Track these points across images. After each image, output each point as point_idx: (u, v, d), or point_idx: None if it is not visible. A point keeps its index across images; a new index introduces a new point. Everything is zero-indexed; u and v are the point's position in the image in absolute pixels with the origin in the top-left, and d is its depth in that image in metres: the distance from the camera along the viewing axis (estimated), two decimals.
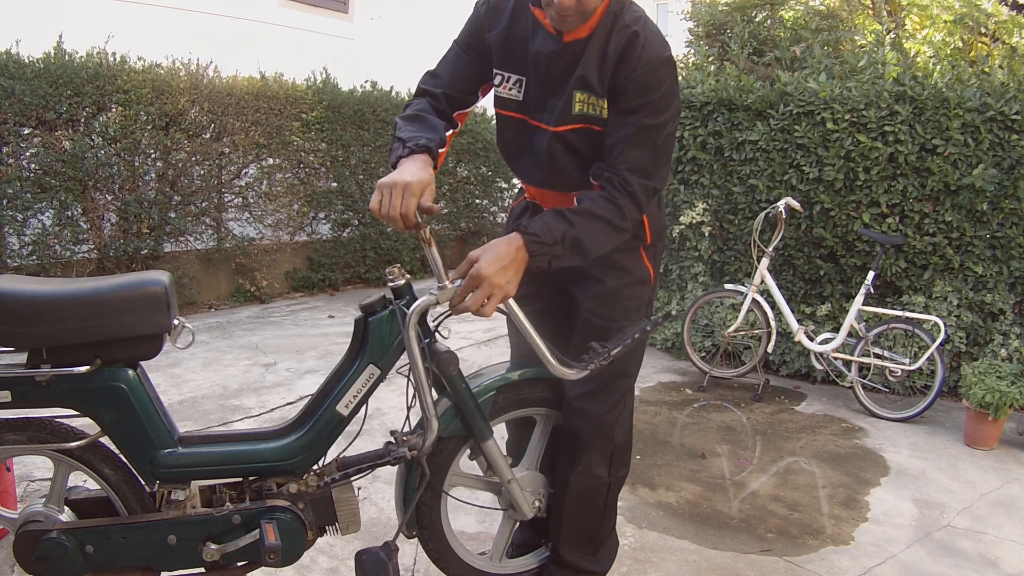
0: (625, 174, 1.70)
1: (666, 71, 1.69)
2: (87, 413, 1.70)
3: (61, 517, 1.75)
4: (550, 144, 1.82)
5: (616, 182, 1.70)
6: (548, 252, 1.65)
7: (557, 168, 1.84)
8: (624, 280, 1.90)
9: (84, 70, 4.78)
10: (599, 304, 1.91)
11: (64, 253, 4.85)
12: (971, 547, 2.67)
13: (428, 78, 1.93)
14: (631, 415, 2.06)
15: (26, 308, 1.61)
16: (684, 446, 3.48)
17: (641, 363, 2.04)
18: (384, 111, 6.66)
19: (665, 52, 1.70)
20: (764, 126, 4.43)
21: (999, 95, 3.89)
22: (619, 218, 1.70)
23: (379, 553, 1.77)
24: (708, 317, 4.65)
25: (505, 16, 1.81)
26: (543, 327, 1.82)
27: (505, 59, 1.82)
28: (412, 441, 1.78)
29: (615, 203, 1.70)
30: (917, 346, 3.88)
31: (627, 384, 1.99)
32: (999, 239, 4.01)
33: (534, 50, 1.77)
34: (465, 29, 1.90)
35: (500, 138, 1.97)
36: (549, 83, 1.78)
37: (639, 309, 1.94)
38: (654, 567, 2.43)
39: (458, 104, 1.90)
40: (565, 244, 1.65)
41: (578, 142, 1.80)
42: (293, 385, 4.00)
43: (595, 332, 1.90)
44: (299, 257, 6.44)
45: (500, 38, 1.81)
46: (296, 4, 8.21)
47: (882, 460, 3.40)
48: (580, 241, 1.67)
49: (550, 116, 1.80)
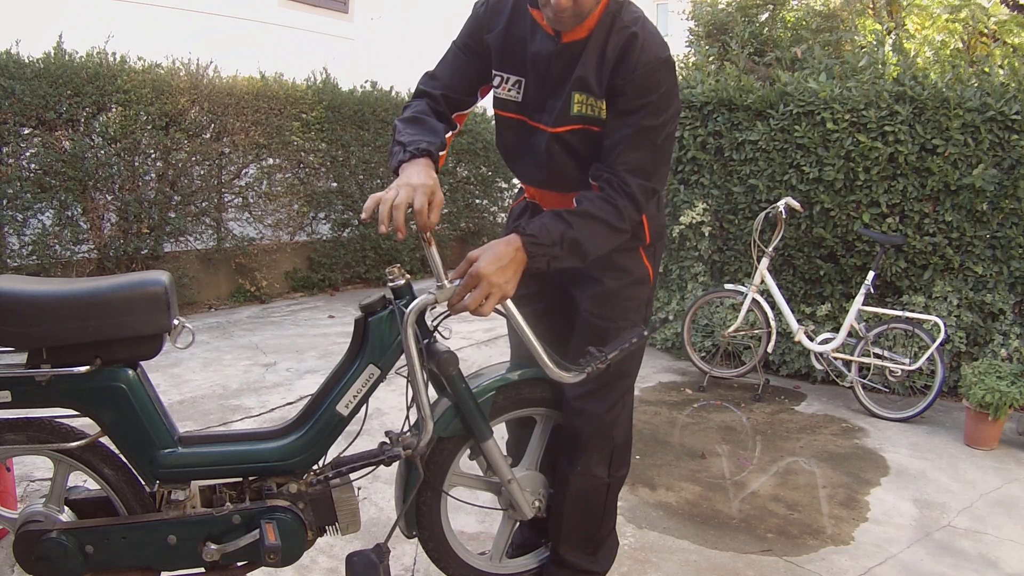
0: (624, 175, 1.70)
1: (665, 72, 1.69)
2: (87, 413, 1.70)
3: (61, 517, 1.75)
4: (549, 145, 1.82)
5: (615, 183, 1.70)
6: (547, 253, 1.65)
7: (556, 169, 1.84)
8: (623, 280, 1.90)
9: (84, 70, 4.78)
10: (598, 304, 1.91)
11: (64, 253, 4.85)
12: (971, 547, 2.67)
13: (427, 79, 1.93)
14: (631, 415, 2.06)
15: (26, 308, 1.61)
16: (684, 446, 3.48)
17: (641, 364, 2.05)
18: (384, 111, 6.67)
19: (664, 53, 1.70)
20: (764, 126, 4.43)
21: (999, 95, 3.89)
22: (618, 219, 1.70)
23: (370, 555, 1.77)
24: (708, 317, 4.65)
25: (504, 17, 1.80)
26: (542, 328, 1.82)
27: (504, 60, 1.82)
28: (407, 440, 1.78)
29: (613, 204, 1.69)
30: (917, 346, 3.88)
31: (626, 384, 1.99)
32: (999, 239, 4.01)
33: (533, 51, 1.77)
34: (464, 30, 1.89)
35: (499, 139, 1.97)
36: (548, 84, 1.78)
37: (638, 309, 1.94)
38: (654, 567, 2.43)
39: (457, 105, 1.90)
40: (564, 245, 1.65)
41: (577, 143, 1.80)
42: (293, 385, 4.00)
43: (594, 332, 1.90)
44: (299, 257, 6.44)
45: (499, 39, 1.81)
46: (296, 4, 8.21)
47: (882, 460, 3.40)
48: (579, 242, 1.67)
49: (549, 117, 1.80)
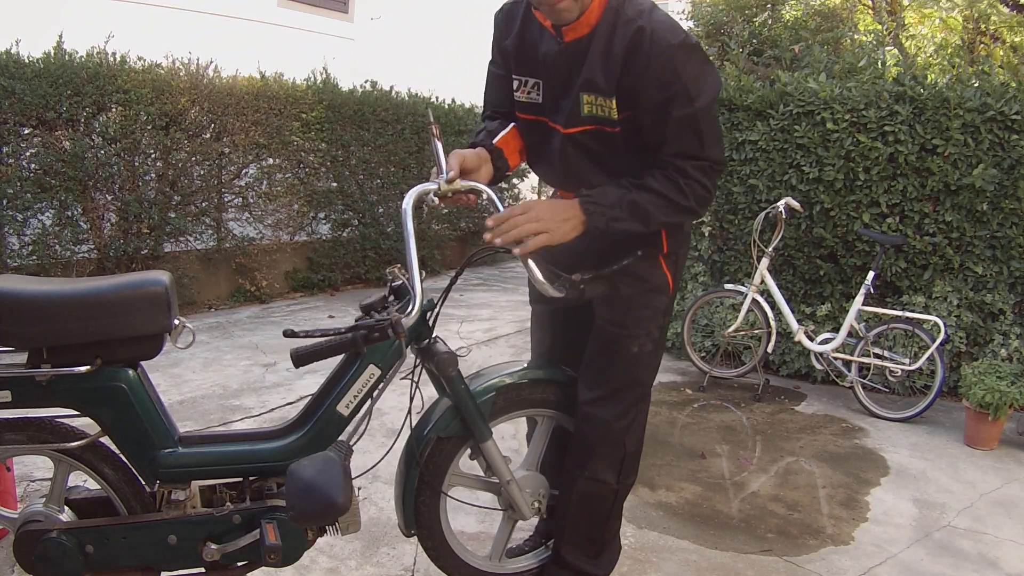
0: (675, 161, 1.70)
1: (682, 56, 1.62)
2: (87, 413, 1.70)
3: (61, 517, 1.75)
4: (563, 146, 1.82)
5: (670, 170, 1.70)
6: (605, 213, 1.67)
7: (571, 170, 1.85)
8: (638, 288, 1.87)
9: (84, 70, 4.78)
10: (611, 311, 1.89)
11: (64, 253, 4.85)
12: (971, 547, 2.67)
13: (484, 110, 2.02)
14: (644, 424, 2.03)
15: (26, 308, 1.61)
16: (684, 446, 3.48)
17: (656, 374, 2.02)
18: (384, 111, 6.67)
19: (676, 38, 1.63)
20: (764, 126, 4.43)
21: (999, 95, 3.89)
22: (679, 195, 1.69)
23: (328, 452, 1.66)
24: (708, 317, 4.65)
25: (517, 22, 1.83)
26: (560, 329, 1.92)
27: (521, 64, 1.84)
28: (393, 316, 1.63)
29: (674, 181, 1.70)
30: (917, 346, 3.88)
31: (638, 393, 1.96)
32: (999, 239, 4.01)
33: (542, 52, 1.78)
34: (492, 45, 1.93)
35: (525, 142, 1.96)
36: (557, 84, 1.79)
37: (653, 317, 1.90)
38: (654, 567, 2.43)
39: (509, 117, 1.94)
40: (623, 207, 1.68)
41: (590, 143, 1.79)
42: (293, 385, 4.00)
43: (605, 339, 1.89)
44: (299, 257, 6.44)
45: (514, 44, 1.84)
46: (296, 4, 8.20)
47: (882, 460, 3.40)
48: (639, 205, 1.68)
49: (562, 118, 1.80)
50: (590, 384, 1.93)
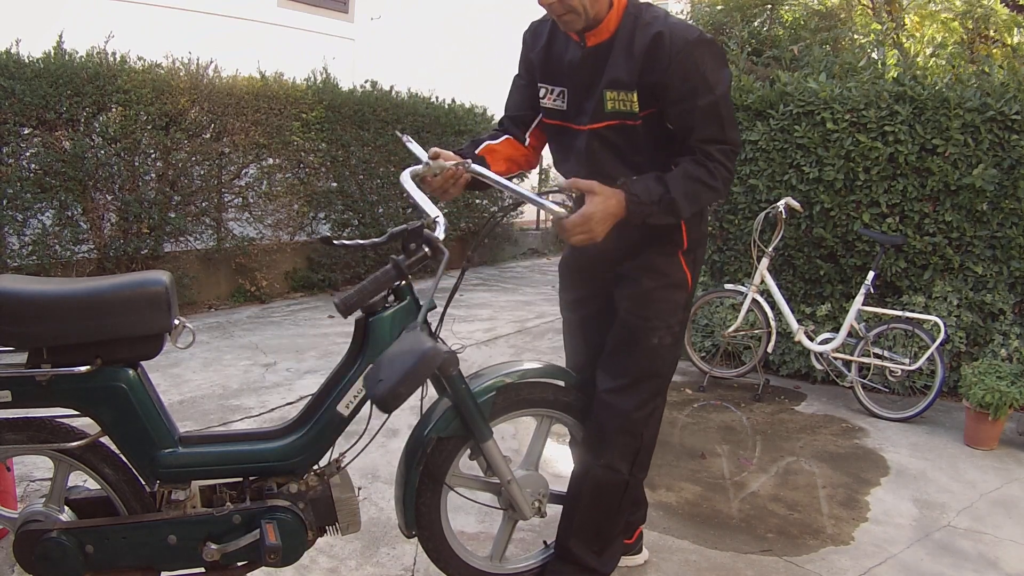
0: (701, 146, 1.83)
1: (700, 50, 1.79)
2: (87, 413, 1.70)
3: (61, 517, 1.75)
4: (588, 142, 1.94)
5: (698, 154, 1.84)
6: (644, 212, 1.81)
7: (596, 165, 1.93)
8: (659, 282, 1.98)
9: (84, 70, 4.78)
10: (633, 303, 1.99)
11: (64, 253, 4.85)
12: (971, 547, 2.67)
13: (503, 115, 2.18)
14: (659, 420, 2.11)
15: (26, 308, 1.61)
16: (684, 446, 3.48)
17: (675, 367, 2.09)
18: (384, 111, 6.67)
19: (692, 35, 1.80)
20: (764, 126, 4.43)
21: (999, 95, 3.89)
22: (710, 177, 1.83)
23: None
24: (708, 317, 4.65)
25: (544, 36, 2.01)
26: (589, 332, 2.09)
27: (547, 73, 2.00)
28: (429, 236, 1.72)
29: (704, 165, 1.83)
30: (917, 346, 3.88)
31: (657, 385, 2.03)
32: (999, 239, 4.01)
33: (568, 60, 1.94)
34: (519, 60, 2.11)
35: (550, 146, 2.12)
36: (582, 88, 1.93)
37: (673, 312, 2.00)
38: (654, 567, 2.43)
39: (523, 121, 2.11)
40: (660, 205, 1.81)
41: (614, 137, 1.91)
42: (293, 385, 4.00)
43: (627, 328, 1.98)
44: (299, 257, 6.44)
45: (541, 56, 2.00)
46: (296, 4, 8.20)
47: (882, 460, 3.40)
48: (674, 202, 1.82)
49: (586, 117, 1.93)
50: (612, 373, 2.00)
